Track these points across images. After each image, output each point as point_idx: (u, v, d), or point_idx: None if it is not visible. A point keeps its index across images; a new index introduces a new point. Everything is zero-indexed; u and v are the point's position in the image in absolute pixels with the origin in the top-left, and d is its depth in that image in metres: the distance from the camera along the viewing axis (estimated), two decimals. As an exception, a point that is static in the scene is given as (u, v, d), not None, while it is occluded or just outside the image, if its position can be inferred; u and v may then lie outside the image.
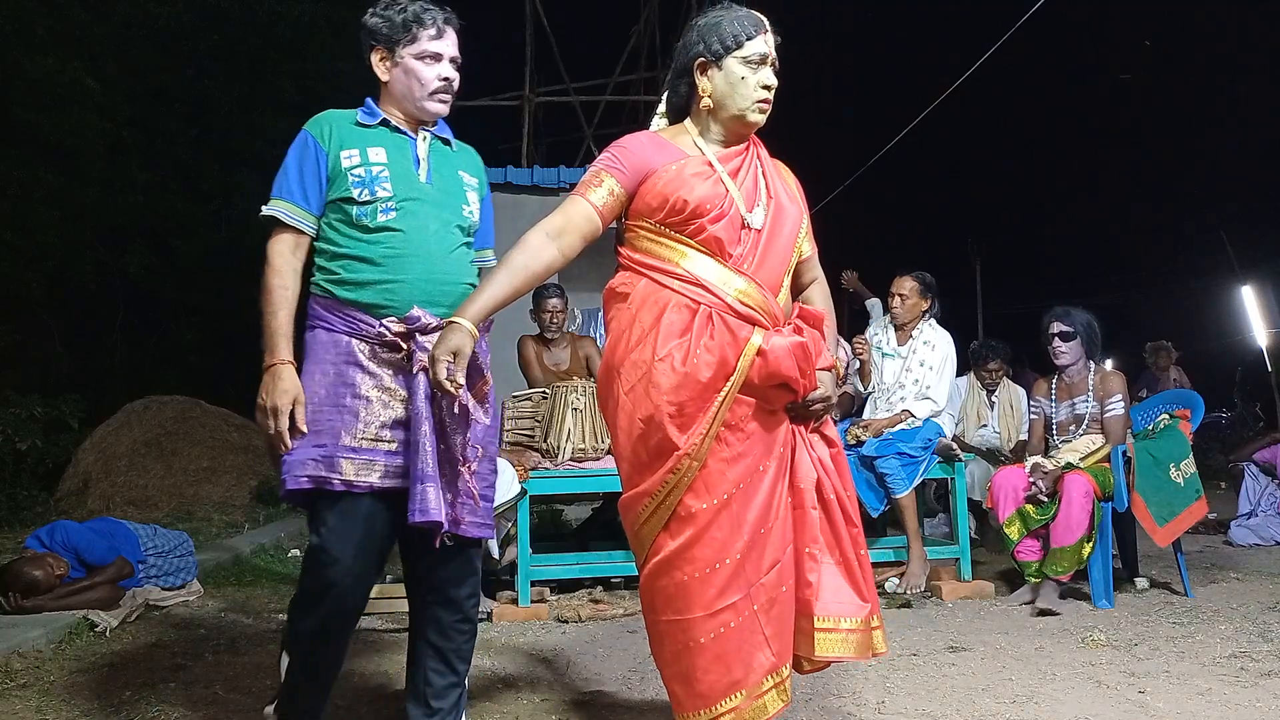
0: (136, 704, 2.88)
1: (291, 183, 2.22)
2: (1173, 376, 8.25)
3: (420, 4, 2.28)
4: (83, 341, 12.50)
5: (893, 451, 4.36)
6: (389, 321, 2.17)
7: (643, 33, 12.90)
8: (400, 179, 2.25)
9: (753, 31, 2.21)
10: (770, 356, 2.10)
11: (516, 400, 4.75)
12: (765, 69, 2.22)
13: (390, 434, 2.16)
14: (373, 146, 2.26)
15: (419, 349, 2.14)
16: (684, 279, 2.14)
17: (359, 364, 2.17)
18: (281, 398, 2.11)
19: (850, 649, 2.15)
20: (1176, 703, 2.70)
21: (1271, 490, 5.75)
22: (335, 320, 2.20)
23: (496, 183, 8.87)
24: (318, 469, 2.13)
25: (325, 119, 2.28)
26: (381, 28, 2.27)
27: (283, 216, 2.20)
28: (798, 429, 2.21)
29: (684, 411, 2.07)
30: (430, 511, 2.08)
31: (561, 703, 2.83)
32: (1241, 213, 21.09)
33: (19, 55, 9.93)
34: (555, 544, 5.30)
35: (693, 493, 2.08)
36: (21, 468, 7.77)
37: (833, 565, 2.18)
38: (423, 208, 2.25)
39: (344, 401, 2.14)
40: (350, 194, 2.21)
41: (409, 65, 2.27)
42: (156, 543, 4.46)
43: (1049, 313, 4.39)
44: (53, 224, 10.62)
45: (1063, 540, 3.96)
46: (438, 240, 2.25)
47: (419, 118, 2.32)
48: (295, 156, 2.24)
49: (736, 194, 2.21)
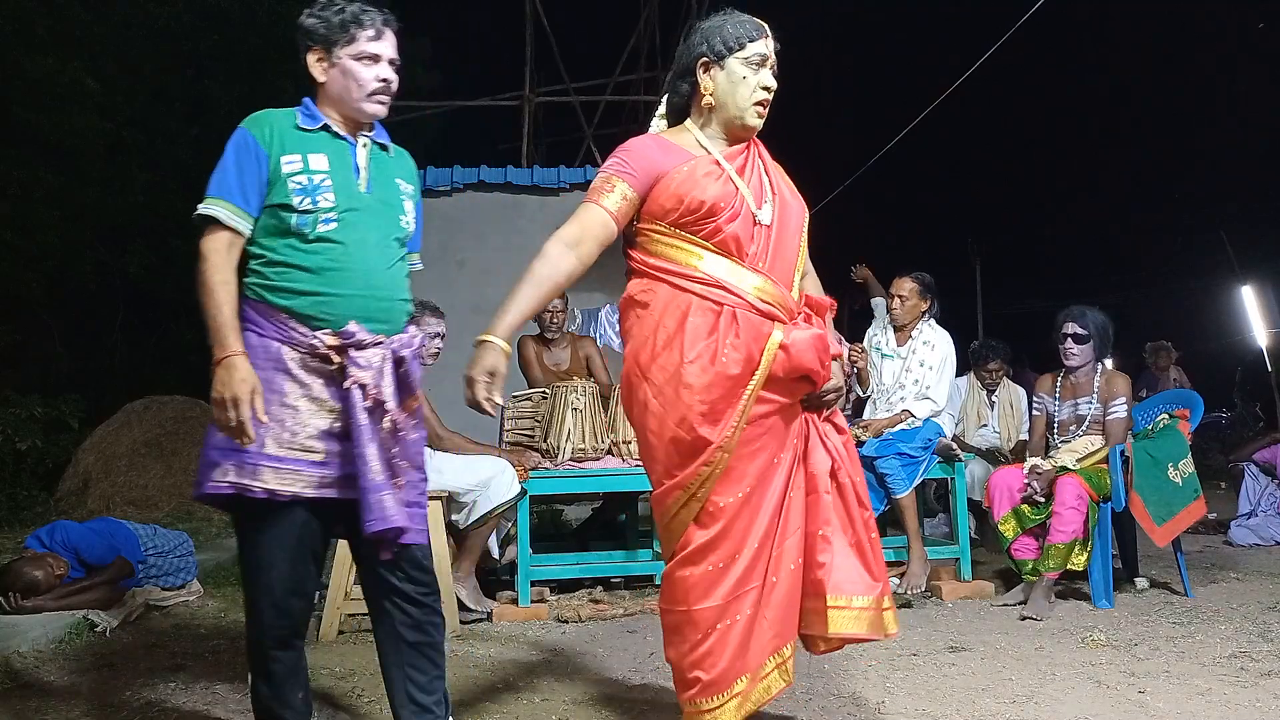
0: (136, 704, 2.88)
1: (231, 182, 2.16)
2: (1173, 376, 8.26)
3: (359, 5, 2.25)
4: (83, 341, 12.50)
5: (893, 452, 4.36)
6: (324, 334, 2.15)
7: (643, 33, 12.89)
8: (342, 189, 2.21)
9: (755, 34, 2.28)
10: (793, 350, 2.18)
11: (516, 400, 4.75)
12: (765, 71, 2.29)
13: (319, 444, 2.15)
14: (314, 153, 2.21)
15: (352, 363, 2.13)
16: (704, 281, 2.20)
17: (288, 371, 2.14)
18: (240, 387, 2.04)
19: (863, 626, 2.21)
20: (1176, 703, 2.70)
21: (1271, 490, 5.75)
22: (267, 325, 2.16)
23: (496, 183, 8.87)
24: (239, 475, 2.10)
25: (265, 119, 2.23)
26: (319, 28, 2.23)
27: (222, 217, 2.14)
28: (811, 418, 2.30)
29: (715, 408, 2.15)
30: (389, 519, 2.09)
31: (561, 703, 2.83)
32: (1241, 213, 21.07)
33: (19, 55, 9.93)
34: (555, 544, 5.31)
35: (720, 487, 2.16)
36: (21, 468, 7.77)
37: (846, 546, 2.25)
38: (363, 219, 2.22)
39: (270, 409, 2.10)
40: (290, 201, 2.16)
41: (347, 66, 2.23)
42: (156, 543, 4.46)
43: (1064, 312, 4.35)
44: (53, 224, 10.62)
45: (1055, 539, 3.96)
46: (378, 254, 2.23)
47: (356, 119, 2.28)
48: (234, 156, 2.18)
49: (746, 192, 2.27)
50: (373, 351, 2.16)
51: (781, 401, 2.23)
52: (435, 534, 3.86)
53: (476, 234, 8.81)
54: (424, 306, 4.22)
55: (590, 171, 9.17)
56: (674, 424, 2.16)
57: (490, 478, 3.96)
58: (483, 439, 4.43)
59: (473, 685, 3.04)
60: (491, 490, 3.95)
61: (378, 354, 2.18)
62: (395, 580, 2.25)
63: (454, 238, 8.81)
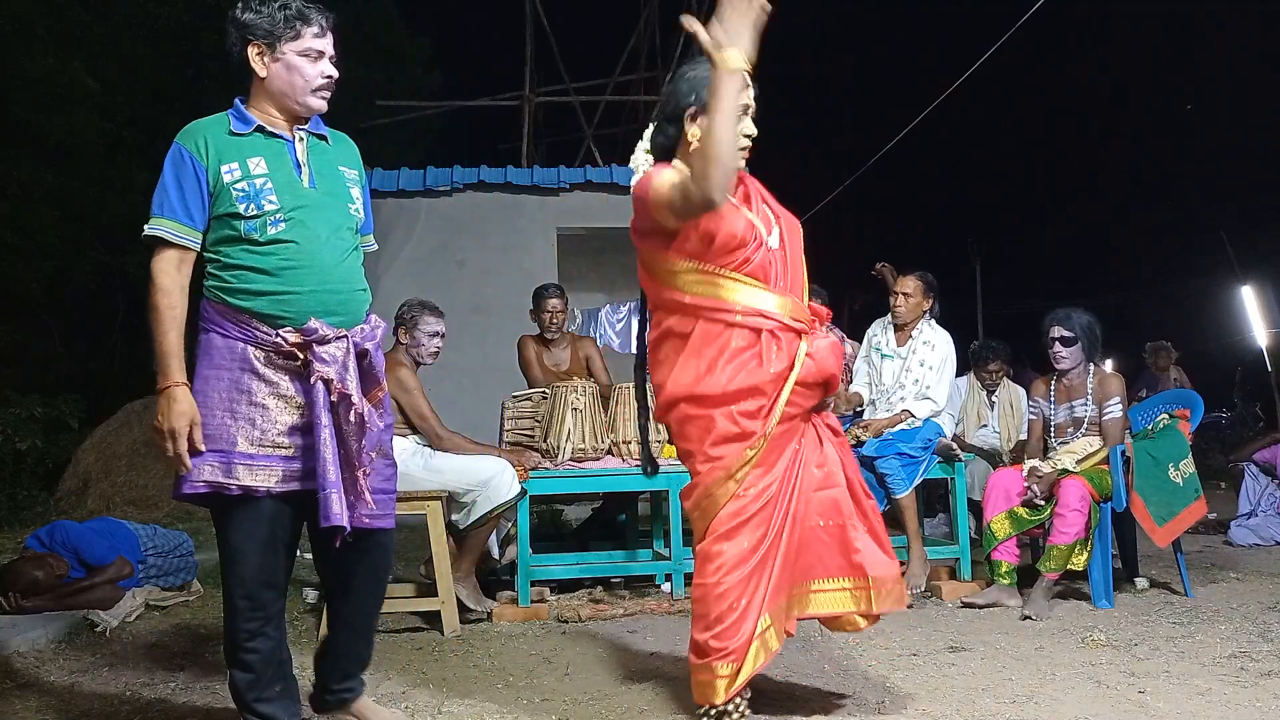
0: (136, 704, 2.88)
1: (173, 199, 2.21)
2: (1173, 376, 8.25)
3: (302, 1, 2.28)
4: (83, 341, 12.50)
5: (893, 452, 4.36)
6: (286, 332, 2.21)
7: (643, 33, 12.89)
8: (285, 188, 2.24)
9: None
10: (818, 357, 2.49)
11: (516, 400, 4.75)
12: (745, 119, 2.46)
13: (288, 440, 2.22)
14: (251, 157, 2.24)
15: (316, 359, 2.19)
16: (744, 312, 2.44)
17: (255, 371, 2.21)
18: (179, 420, 2.14)
19: (894, 601, 2.55)
20: (1176, 703, 2.70)
21: (1271, 490, 5.75)
22: (230, 326, 2.22)
23: (496, 183, 8.87)
24: (214, 474, 2.18)
25: (197, 130, 2.25)
26: (261, 22, 2.24)
27: (167, 235, 2.20)
28: (814, 421, 2.57)
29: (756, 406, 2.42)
30: (333, 517, 2.17)
31: (561, 703, 2.83)
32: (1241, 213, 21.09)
33: (19, 55, 9.93)
34: (555, 544, 5.30)
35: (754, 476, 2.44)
36: (21, 468, 7.78)
37: (867, 535, 2.54)
38: (311, 215, 2.26)
39: (239, 408, 2.19)
40: (236, 209, 2.20)
41: (292, 61, 2.26)
42: (156, 543, 4.46)
43: (1049, 315, 4.34)
44: (53, 224, 10.62)
45: (1056, 540, 3.95)
46: (329, 248, 2.27)
47: (298, 114, 2.30)
48: (172, 173, 2.22)
49: (757, 221, 2.50)
50: (335, 345, 2.22)
51: (804, 407, 2.51)
52: (435, 534, 3.86)
53: (476, 234, 8.81)
54: (424, 306, 4.22)
55: (590, 171, 9.16)
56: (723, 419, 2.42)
57: (490, 478, 3.96)
58: (483, 439, 4.43)
59: (473, 685, 3.04)
60: (491, 490, 3.95)
61: (340, 347, 2.23)
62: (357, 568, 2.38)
63: (454, 238, 8.82)
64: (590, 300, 11.29)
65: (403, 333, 4.17)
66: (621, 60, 13.13)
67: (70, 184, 10.80)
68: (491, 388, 7.29)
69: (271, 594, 2.28)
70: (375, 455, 2.30)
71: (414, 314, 4.18)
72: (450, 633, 3.76)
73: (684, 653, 3.31)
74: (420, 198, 8.83)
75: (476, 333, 8.31)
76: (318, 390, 2.19)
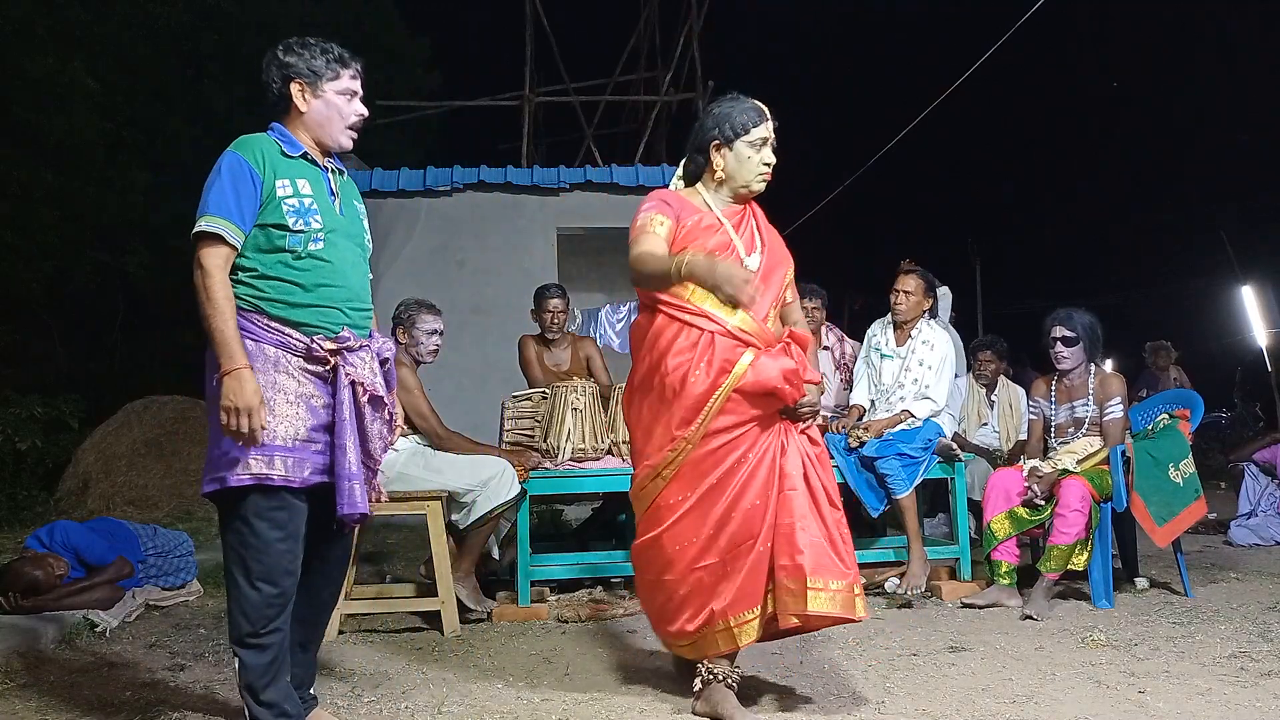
0: (136, 704, 2.88)
1: (229, 202, 2.35)
2: (1173, 376, 8.25)
3: (339, 46, 2.54)
4: (83, 341, 12.51)
5: (893, 452, 4.35)
6: (320, 340, 2.41)
7: (643, 33, 12.88)
8: (325, 211, 2.47)
9: (757, 120, 2.80)
10: (758, 369, 2.66)
11: (516, 400, 4.75)
12: (766, 149, 2.82)
13: (318, 436, 2.42)
14: (300, 178, 2.45)
15: (346, 364, 2.42)
16: (692, 311, 2.69)
17: (289, 373, 2.39)
18: (253, 398, 2.29)
19: (836, 606, 2.59)
20: (1176, 703, 2.70)
21: (1271, 490, 5.75)
22: (262, 333, 2.38)
23: (496, 183, 8.86)
24: (259, 467, 2.33)
25: (256, 144, 2.43)
26: (303, 65, 2.48)
27: (226, 235, 2.34)
28: (788, 428, 2.75)
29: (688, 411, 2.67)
30: (357, 505, 2.39)
31: (561, 703, 2.83)
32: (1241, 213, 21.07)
33: (19, 55, 9.93)
34: (555, 544, 5.30)
35: (680, 478, 2.68)
36: (21, 468, 7.77)
37: (819, 538, 2.64)
38: (342, 239, 2.49)
39: (276, 407, 2.35)
40: (285, 221, 2.39)
41: (331, 99, 2.50)
42: (156, 543, 4.46)
43: (1050, 315, 4.34)
44: (53, 224, 10.62)
45: (1057, 540, 3.95)
46: (354, 268, 2.52)
47: (328, 148, 2.54)
48: (230, 177, 2.37)
49: (739, 242, 2.80)
50: (363, 352, 2.48)
51: (752, 413, 2.67)
52: (435, 534, 3.86)
53: (476, 234, 8.81)
54: (421, 305, 4.22)
55: (590, 171, 9.16)
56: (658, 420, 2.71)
57: (490, 478, 3.96)
58: (483, 439, 4.43)
59: (473, 685, 3.04)
60: (491, 490, 3.95)
61: (366, 355, 2.49)
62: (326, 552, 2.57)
63: (454, 238, 8.81)
64: (590, 300, 11.28)
65: (401, 332, 4.17)
66: (621, 60, 13.13)
67: (70, 184, 10.80)
68: (491, 388, 7.29)
69: (291, 581, 2.41)
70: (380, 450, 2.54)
71: (411, 313, 4.18)
72: (450, 633, 3.76)
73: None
74: (420, 198, 8.82)
75: (476, 333, 8.30)
76: (345, 391, 2.41)
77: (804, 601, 2.57)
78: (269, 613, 2.37)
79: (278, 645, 2.39)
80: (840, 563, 2.63)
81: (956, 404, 5.60)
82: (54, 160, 10.58)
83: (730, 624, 2.64)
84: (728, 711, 2.59)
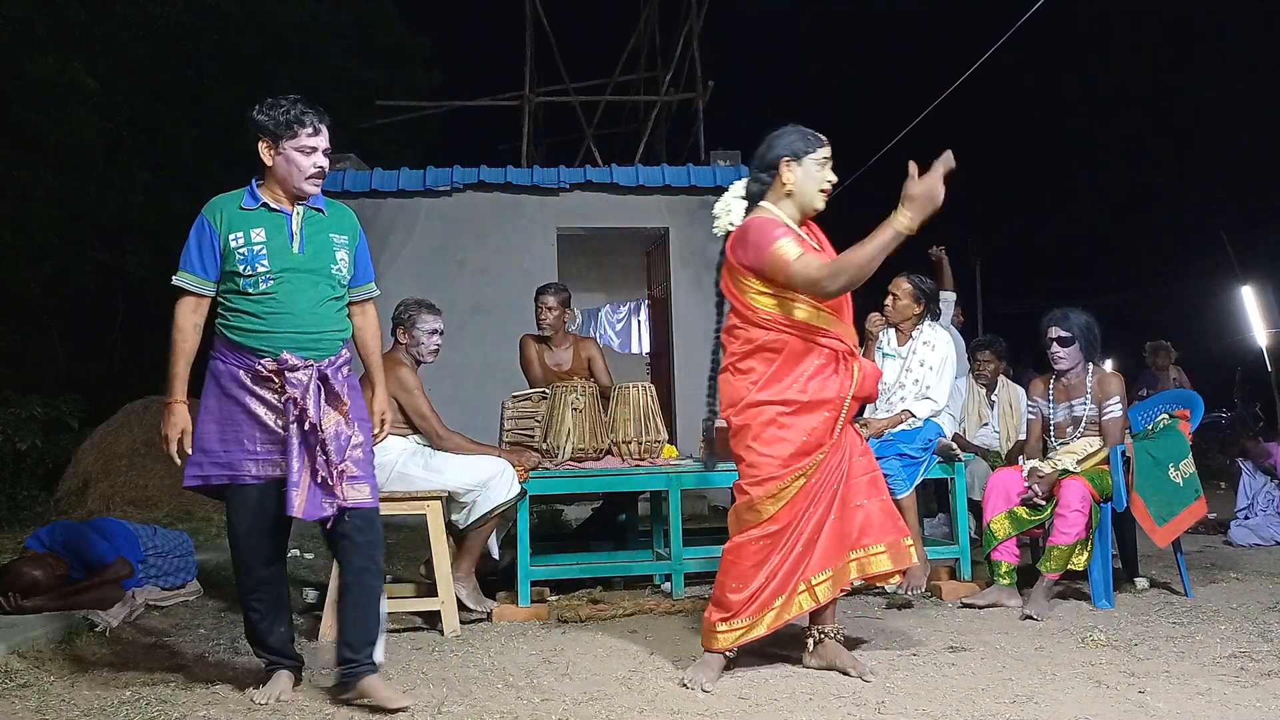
0: (136, 704, 2.88)
1: (193, 258, 2.88)
2: (1172, 376, 8.24)
3: (301, 106, 2.86)
4: (83, 341, 12.51)
5: (893, 452, 4.35)
6: (265, 361, 2.84)
7: (643, 33, 12.86)
8: (276, 254, 2.86)
9: (822, 141, 3.10)
10: (868, 376, 3.10)
11: (516, 400, 4.75)
12: (828, 168, 3.11)
13: (277, 441, 2.84)
14: (254, 228, 2.87)
15: (287, 383, 2.81)
16: (828, 335, 3.04)
17: (248, 388, 2.85)
18: (173, 430, 2.84)
19: (888, 563, 3.06)
20: (1176, 703, 2.70)
21: (1270, 489, 5.75)
22: (229, 356, 2.88)
23: (496, 183, 8.86)
24: (230, 468, 2.84)
25: (217, 205, 2.90)
26: (268, 124, 2.84)
27: (187, 285, 2.88)
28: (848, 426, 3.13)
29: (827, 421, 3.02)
30: (292, 508, 2.76)
31: (561, 703, 2.83)
32: (1241, 213, 21.08)
33: (19, 55, 9.93)
34: (555, 544, 5.30)
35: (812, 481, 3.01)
36: (21, 468, 7.77)
37: (878, 511, 3.09)
38: (295, 276, 2.87)
39: (240, 417, 2.85)
40: (237, 268, 2.84)
41: (290, 155, 2.85)
42: (156, 543, 4.46)
43: (1046, 316, 4.33)
44: (53, 224, 10.62)
45: (1057, 540, 3.95)
46: (307, 298, 2.88)
47: (296, 196, 2.91)
48: (195, 238, 2.88)
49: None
50: (302, 373, 2.83)
51: (852, 414, 3.11)
52: (435, 534, 3.86)
53: (476, 234, 8.81)
54: (420, 305, 4.22)
55: (590, 171, 9.15)
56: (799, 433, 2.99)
57: (490, 478, 3.96)
58: (483, 439, 4.43)
59: (473, 685, 3.04)
60: (491, 490, 3.95)
61: (306, 374, 2.83)
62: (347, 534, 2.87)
63: (454, 238, 8.81)
64: (590, 300, 11.29)
65: (401, 333, 4.17)
66: (621, 60, 13.10)
67: (70, 184, 10.80)
68: (491, 388, 7.29)
69: (260, 562, 2.92)
70: (349, 452, 2.86)
71: (411, 313, 4.18)
72: (450, 633, 3.76)
73: (684, 653, 3.32)
74: (420, 198, 8.81)
75: (476, 333, 8.30)
76: (289, 405, 2.81)
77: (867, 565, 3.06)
78: (248, 582, 2.93)
79: (265, 609, 2.93)
80: (895, 524, 3.11)
81: (956, 404, 5.60)
82: (54, 160, 10.58)
83: (812, 582, 3.02)
84: (841, 662, 3.04)
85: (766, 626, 3.01)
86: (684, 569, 4.24)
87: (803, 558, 3.01)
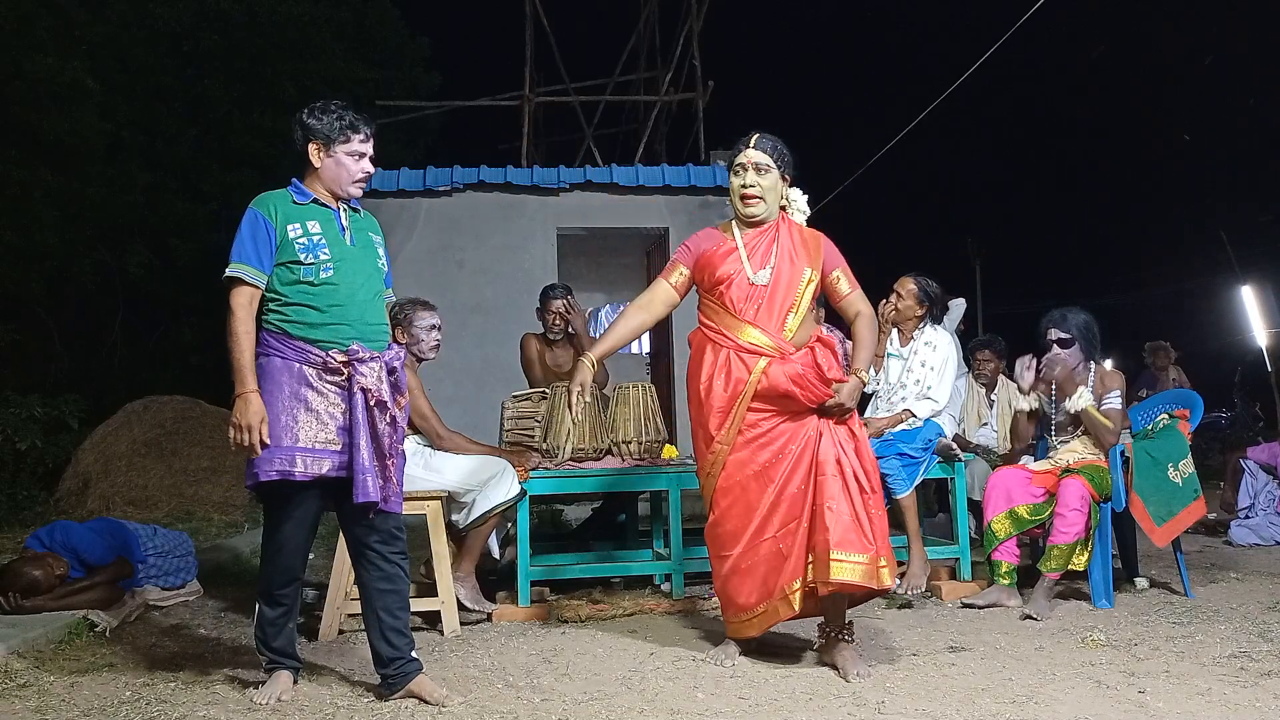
0: (136, 704, 2.88)
1: (247, 250, 2.85)
2: (1172, 376, 8.24)
3: (352, 113, 2.94)
4: (83, 341, 12.51)
5: (893, 452, 4.35)
6: (334, 353, 2.84)
7: (643, 33, 12.86)
8: (334, 244, 2.91)
9: (738, 150, 3.26)
10: (769, 376, 3.14)
11: (517, 400, 4.75)
12: (745, 174, 3.23)
13: (335, 437, 2.85)
14: (309, 220, 2.90)
15: (357, 374, 2.83)
16: (718, 331, 3.24)
17: (309, 384, 2.85)
18: (254, 418, 2.76)
19: (858, 576, 2.98)
20: (1176, 703, 2.70)
21: (1270, 489, 5.75)
22: (287, 351, 2.86)
23: (496, 183, 8.86)
24: (284, 465, 2.80)
25: (269, 200, 2.92)
26: (321, 128, 2.90)
27: (245, 277, 2.84)
28: (826, 422, 3.16)
29: (717, 418, 3.20)
30: (369, 493, 2.79)
31: (561, 703, 2.83)
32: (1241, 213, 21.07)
33: (19, 55, 9.93)
34: (555, 544, 5.30)
35: (727, 472, 3.19)
36: (21, 468, 7.78)
37: (847, 517, 3.02)
38: (351, 265, 2.92)
39: (298, 414, 2.82)
40: (298, 257, 2.85)
41: (341, 159, 2.92)
42: (156, 543, 4.46)
43: (1045, 318, 4.33)
44: (53, 224, 10.61)
45: (1057, 540, 3.95)
46: (364, 290, 2.94)
47: (340, 197, 2.97)
48: (249, 230, 2.86)
49: (747, 264, 3.23)
50: (372, 364, 2.86)
51: (773, 410, 3.17)
52: (435, 534, 3.86)
53: (476, 234, 8.81)
54: (415, 303, 4.22)
55: (590, 171, 9.17)
56: (700, 425, 3.26)
57: (490, 478, 3.96)
58: (483, 439, 4.43)
59: (473, 685, 3.04)
60: (491, 490, 3.95)
61: (376, 365, 2.87)
62: (373, 543, 2.93)
63: (454, 238, 8.81)
64: (590, 300, 11.28)
65: (400, 333, 4.17)
66: (621, 60, 13.09)
67: (70, 184, 10.80)
68: (491, 388, 7.29)
69: (301, 559, 2.98)
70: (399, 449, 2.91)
71: (407, 312, 4.19)
72: (450, 633, 3.76)
73: (684, 652, 3.32)
74: (420, 198, 8.82)
75: (476, 333, 8.30)
76: (358, 397, 2.82)
77: (828, 571, 2.96)
78: (281, 579, 2.94)
79: (288, 606, 2.96)
80: (864, 538, 3.00)
81: (956, 405, 5.60)
82: (54, 160, 10.58)
83: (787, 592, 3.08)
84: (841, 662, 3.05)
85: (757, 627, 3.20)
86: (684, 569, 4.24)
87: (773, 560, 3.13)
